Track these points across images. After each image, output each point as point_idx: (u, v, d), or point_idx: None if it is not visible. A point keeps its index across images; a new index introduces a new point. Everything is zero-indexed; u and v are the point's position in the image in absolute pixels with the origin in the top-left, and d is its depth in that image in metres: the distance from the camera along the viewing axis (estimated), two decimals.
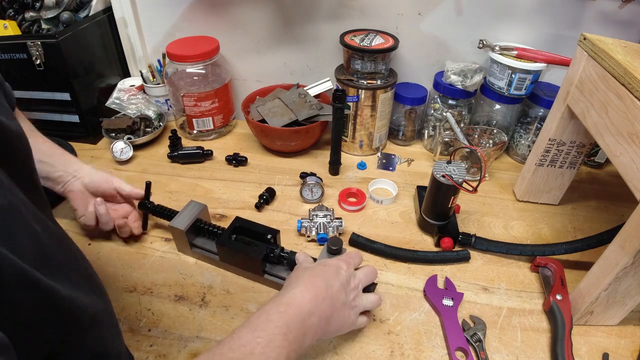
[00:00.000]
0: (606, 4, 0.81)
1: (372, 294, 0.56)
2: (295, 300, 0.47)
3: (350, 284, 0.52)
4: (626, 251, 0.49)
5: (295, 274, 0.53)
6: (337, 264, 0.53)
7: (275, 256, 0.61)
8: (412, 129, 0.97)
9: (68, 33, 0.86)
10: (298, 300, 0.47)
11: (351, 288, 0.52)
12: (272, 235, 0.64)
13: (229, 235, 0.64)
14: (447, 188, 0.66)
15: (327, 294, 0.49)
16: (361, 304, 0.53)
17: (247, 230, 0.65)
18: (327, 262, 0.54)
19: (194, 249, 0.67)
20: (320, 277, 0.50)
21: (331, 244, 0.58)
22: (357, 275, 0.54)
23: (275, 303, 0.46)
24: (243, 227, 0.65)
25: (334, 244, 0.58)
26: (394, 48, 0.83)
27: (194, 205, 0.68)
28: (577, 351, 0.56)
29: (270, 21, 0.94)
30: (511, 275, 0.67)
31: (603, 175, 0.92)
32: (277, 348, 0.42)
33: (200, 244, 0.67)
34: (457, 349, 0.55)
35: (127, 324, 0.58)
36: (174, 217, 0.66)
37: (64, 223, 0.74)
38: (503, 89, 0.85)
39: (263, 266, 0.62)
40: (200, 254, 0.67)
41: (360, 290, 0.54)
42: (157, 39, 1.00)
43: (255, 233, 0.64)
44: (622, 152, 0.52)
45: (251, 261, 0.62)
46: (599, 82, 0.58)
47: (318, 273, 0.51)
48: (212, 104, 0.94)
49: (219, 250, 0.65)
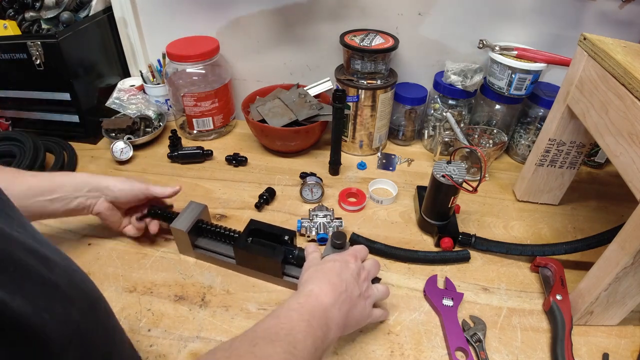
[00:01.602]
0: (606, 4, 0.81)
1: (381, 284, 0.57)
2: (314, 294, 0.48)
3: (360, 276, 0.53)
4: (626, 251, 0.49)
5: (307, 274, 0.53)
6: (345, 259, 0.54)
7: (295, 257, 0.61)
8: (412, 129, 0.97)
9: (68, 33, 0.86)
10: (316, 293, 0.48)
11: (362, 280, 0.53)
12: (289, 236, 0.63)
13: (245, 238, 0.63)
14: (447, 188, 0.66)
15: (343, 288, 0.49)
16: (373, 294, 0.54)
17: (263, 232, 0.65)
18: (335, 257, 0.54)
19: (197, 249, 0.67)
20: (333, 272, 0.51)
21: (335, 238, 0.58)
22: (366, 267, 0.56)
23: (295, 298, 0.47)
24: (259, 229, 0.65)
25: (338, 238, 0.58)
26: (394, 48, 0.83)
27: (194, 206, 0.68)
28: (577, 351, 0.56)
29: (270, 21, 0.94)
30: (511, 276, 0.67)
31: (603, 175, 0.92)
32: (302, 332, 0.42)
33: (202, 245, 0.67)
34: (457, 349, 0.55)
35: (127, 324, 0.58)
36: (175, 218, 0.66)
37: (64, 222, 0.74)
38: (503, 89, 0.85)
39: (282, 268, 0.62)
40: (203, 255, 0.67)
41: (370, 281, 0.55)
42: (157, 39, 1.00)
43: (271, 235, 0.64)
44: (622, 152, 0.52)
45: (271, 263, 0.61)
46: (599, 82, 0.58)
47: (329, 269, 0.52)
48: (212, 104, 0.94)
49: (236, 254, 0.64)
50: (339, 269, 0.52)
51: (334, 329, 0.46)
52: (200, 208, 0.67)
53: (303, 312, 0.44)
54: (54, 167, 0.84)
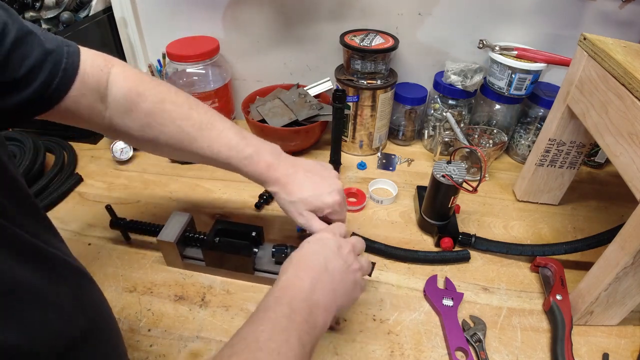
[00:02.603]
0: (606, 4, 0.81)
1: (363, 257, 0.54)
2: (290, 283, 0.44)
3: (343, 249, 0.50)
4: (626, 251, 0.49)
5: (284, 264, 0.49)
6: (320, 236, 0.51)
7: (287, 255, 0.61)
8: (412, 129, 0.97)
9: (68, 33, 0.86)
10: (292, 281, 0.44)
11: (346, 252, 0.50)
12: (256, 232, 0.63)
13: (212, 239, 0.62)
14: (447, 188, 0.66)
15: (322, 267, 0.46)
16: (363, 266, 0.51)
17: (230, 231, 0.64)
18: (309, 239, 0.51)
19: (185, 260, 0.66)
20: (309, 254, 0.48)
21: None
22: (348, 240, 0.52)
23: (270, 292, 0.44)
24: (225, 228, 0.64)
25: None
26: (394, 48, 0.83)
27: (180, 216, 0.65)
28: (577, 351, 0.56)
29: (270, 21, 0.94)
30: (511, 275, 0.67)
31: (603, 175, 0.92)
32: (284, 331, 0.38)
33: (191, 254, 0.66)
34: (457, 349, 0.55)
35: (127, 324, 0.58)
36: (160, 230, 0.64)
37: (64, 222, 0.74)
38: (503, 89, 0.85)
39: (252, 264, 0.62)
40: (192, 264, 0.66)
41: (356, 254, 0.52)
42: (157, 39, 1.00)
43: (239, 233, 0.63)
44: (622, 152, 0.52)
45: (241, 260, 0.61)
46: (599, 82, 0.58)
47: (305, 251, 0.49)
48: (212, 104, 0.94)
49: (205, 257, 0.63)
50: (316, 248, 0.49)
51: (321, 314, 0.43)
52: (186, 218, 0.65)
53: (282, 307, 0.41)
54: (54, 167, 0.84)
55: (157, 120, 0.52)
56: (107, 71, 0.50)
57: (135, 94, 0.51)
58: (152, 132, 0.53)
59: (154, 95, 0.52)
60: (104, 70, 0.49)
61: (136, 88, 0.51)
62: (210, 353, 0.55)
